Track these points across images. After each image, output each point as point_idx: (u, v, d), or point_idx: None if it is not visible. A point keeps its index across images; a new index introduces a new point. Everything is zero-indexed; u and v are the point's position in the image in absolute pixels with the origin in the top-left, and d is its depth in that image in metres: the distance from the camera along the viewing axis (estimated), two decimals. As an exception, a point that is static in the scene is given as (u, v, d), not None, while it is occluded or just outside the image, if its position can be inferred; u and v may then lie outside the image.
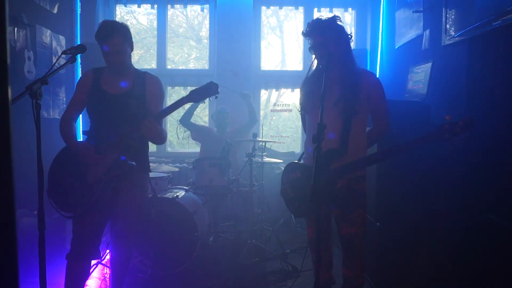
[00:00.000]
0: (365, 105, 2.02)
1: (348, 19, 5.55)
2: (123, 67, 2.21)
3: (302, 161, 2.23)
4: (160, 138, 2.19)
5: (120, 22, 2.19)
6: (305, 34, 2.04)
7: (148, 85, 2.25)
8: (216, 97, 2.18)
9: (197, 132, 4.30)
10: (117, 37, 2.09)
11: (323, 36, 1.99)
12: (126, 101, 2.17)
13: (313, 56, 2.12)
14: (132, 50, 2.25)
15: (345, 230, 2.05)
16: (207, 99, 2.19)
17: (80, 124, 4.27)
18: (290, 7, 5.02)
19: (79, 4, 4.46)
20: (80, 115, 2.36)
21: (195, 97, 2.16)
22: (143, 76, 2.27)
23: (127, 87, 2.21)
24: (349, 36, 2.07)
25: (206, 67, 5.07)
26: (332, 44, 1.99)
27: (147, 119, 2.07)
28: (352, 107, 1.96)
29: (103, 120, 2.17)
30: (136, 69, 2.30)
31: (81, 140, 2.24)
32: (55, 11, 4.00)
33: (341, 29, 2.04)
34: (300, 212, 2.14)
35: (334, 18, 2.04)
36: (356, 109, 1.97)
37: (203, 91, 2.15)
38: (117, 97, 2.18)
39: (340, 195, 2.02)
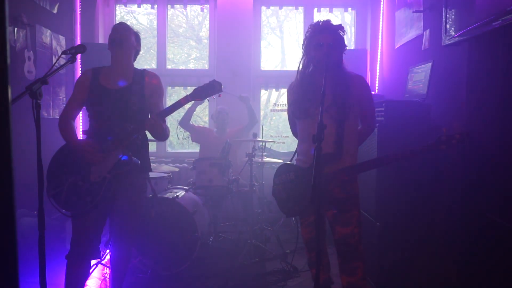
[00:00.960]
0: (356, 108, 2.06)
1: (348, 19, 5.55)
2: (123, 63, 2.24)
3: (294, 162, 2.25)
4: (164, 135, 2.21)
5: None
6: (320, 30, 2.06)
7: (147, 81, 2.27)
8: (220, 95, 2.22)
9: (196, 134, 4.30)
10: (127, 25, 2.29)
11: (334, 37, 2.04)
12: (125, 96, 2.18)
13: (304, 57, 2.13)
14: (137, 52, 2.35)
15: (339, 232, 2.04)
16: (209, 98, 2.22)
17: (80, 124, 4.27)
18: (290, 7, 5.01)
19: (79, 4, 4.46)
20: (80, 115, 2.37)
21: (199, 94, 2.18)
22: (141, 73, 2.30)
23: (126, 83, 2.22)
24: (345, 47, 2.13)
25: (206, 67, 5.07)
26: (337, 48, 2.05)
27: (151, 118, 2.09)
28: (344, 112, 2.00)
29: (103, 117, 2.18)
30: (136, 68, 2.33)
31: (82, 139, 2.24)
32: (55, 11, 4.00)
33: (343, 39, 2.11)
34: (292, 213, 2.17)
35: (342, 27, 2.11)
36: (347, 114, 2.01)
37: (207, 89, 2.18)
38: (116, 92, 2.19)
39: (333, 195, 2.03)
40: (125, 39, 2.21)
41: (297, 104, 2.13)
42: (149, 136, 2.29)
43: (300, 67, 2.15)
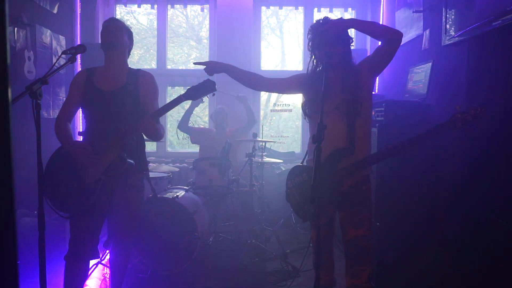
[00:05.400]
0: (367, 102, 2.02)
1: (348, 19, 5.53)
2: (117, 64, 2.23)
3: (305, 163, 2.20)
4: (158, 135, 2.19)
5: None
6: (316, 30, 2.02)
7: (141, 81, 2.26)
8: (214, 94, 2.19)
9: (196, 135, 4.29)
10: (118, 22, 2.23)
11: (336, 33, 2.00)
12: (120, 97, 2.17)
13: (312, 58, 2.11)
14: (130, 48, 2.31)
15: (351, 233, 1.99)
16: (205, 98, 2.20)
17: (80, 125, 4.27)
18: (290, 7, 5.02)
19: (79, 4, 4.46)
20: (79, 116, 2.36)
21: (192, 94, 2.15)
22: (136, 73, 2.28)
23: (120, 84, 2.21)
24: (351, 39, 2.09)
25: (206, 67, 5.07)
26: (338, 44, 2.01)
27: (145, 119, 2.07)
28: (355, 109, 1.95)
29: (98, 118, 2.17)
30: (130, 68, 2.31)
31: (78, 140, 2.23)
32: (55, 11, 4.00)
33: (346, 32, 2.07)
34: (309, 216, 2.08)
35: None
36: (358, 111, 1.96)
37: (200, 89, 2.15)
38: (110, 93, 2.18)
39: (347, 195, 1.99)
40: (118, 40, 2.19)
41: (308, 104, 2.11)
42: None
43: (309, 68, 2.12)
